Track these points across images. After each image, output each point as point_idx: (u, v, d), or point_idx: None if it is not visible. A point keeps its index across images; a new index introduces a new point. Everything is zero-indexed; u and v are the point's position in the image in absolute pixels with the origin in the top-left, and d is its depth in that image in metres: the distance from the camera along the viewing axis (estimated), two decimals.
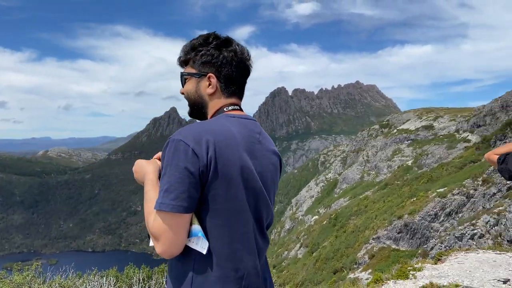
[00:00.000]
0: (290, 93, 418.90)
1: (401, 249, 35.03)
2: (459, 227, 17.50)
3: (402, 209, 37.94)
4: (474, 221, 16.84)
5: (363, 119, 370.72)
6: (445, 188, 33.74)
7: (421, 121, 74.55)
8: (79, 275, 6.70)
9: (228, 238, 1.35)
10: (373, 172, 74.25)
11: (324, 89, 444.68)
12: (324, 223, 63.75)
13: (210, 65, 1.50)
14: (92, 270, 6.81)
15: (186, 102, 1.59)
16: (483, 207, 20.03)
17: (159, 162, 1.51)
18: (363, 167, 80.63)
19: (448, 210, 30.44)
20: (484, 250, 8.15)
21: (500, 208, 16.48)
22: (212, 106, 1.53)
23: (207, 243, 1.32)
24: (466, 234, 16.31)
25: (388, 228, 37.68)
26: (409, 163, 60.98)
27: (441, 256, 7.39)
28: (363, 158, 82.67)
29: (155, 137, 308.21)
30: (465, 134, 56.36)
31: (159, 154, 1.54)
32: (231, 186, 1.34)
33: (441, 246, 17.73)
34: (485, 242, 15.27)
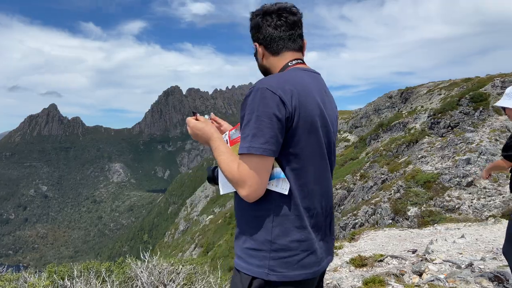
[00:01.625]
0: (184, 92, 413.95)
1: None
2: (343, 218, 19.14)
3: None
4: (355, 212, 18.57)
5: None
6: None
7: None
8: None
9: (303, 180, 1.47)
10: None
11: (218, 89, 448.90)
12: (219, 222, 64.25)
13: (254, 34, 1.67)
14: None
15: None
16: (362, 199, 22.20)
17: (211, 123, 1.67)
18: None
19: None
20: (389, 228, 9.27)
21: (377, 199, 18.49)
22: (273, 66, 1.66)
23: (289, 184, 1.44)
24: (349, 224, 17.90)
25: None
26: None
27: (354, 235, 8.12)
28: None
29: (31, 136, 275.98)
30: (345, 134, 62.33)
31: (212, 115, 1.80)
32: (311, 133, 1.47)
33: None
34: None
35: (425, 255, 4.93)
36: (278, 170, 1.44)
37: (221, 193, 1.59)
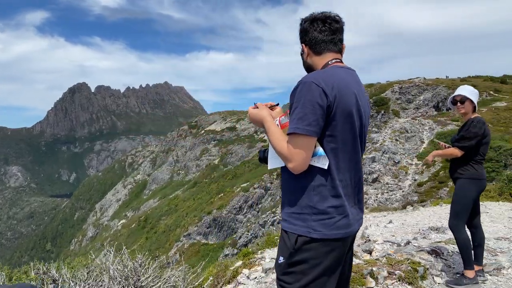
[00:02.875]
0: (93, 89, 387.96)
1: (210, 242, 36.98)
2: (262, 216, 19.65)
3: (211, 205, 40.16)
4: (274, 209, 19.20)
5: (172, 120, 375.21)
6: (248, 183, 37.46)
7: (225, 123, 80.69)
8: None
9: (339, 158, 1.81)
10: (183, 172, 76.08)
11: (131, 87, 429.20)
12: (132, 226, 61.52)
13: (302, 37, 2.01)
14: None
15: None
16: (280, 197, 23.03)
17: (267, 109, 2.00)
18: (172, 167, 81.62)
19: (250, 202, 33.61)
20: None
21: None
22: (315, 64, 1.99)
23: (328, 160, 1.77)
24: (268, 221, 18.44)
25: (198, 224, 39.18)
26: (216, 161, 65.17)
27: None
28: (173, 158, 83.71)
29: None
30: (262, 135, 63.98)
31: (264, 104, 2.05)
32: (347, 119, 1.79)
33: (248, 234, 19.51)
34: None
35: (368, 237, 5.42)
36: (320, 148, 1.77)
37: (269, 168, 1.93)
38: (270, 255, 5.25)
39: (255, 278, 4.49)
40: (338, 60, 1.96)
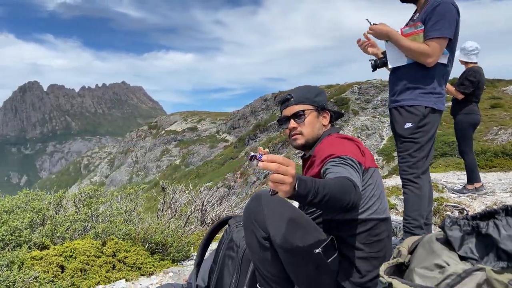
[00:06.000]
0: (45, 89, 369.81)
1: None
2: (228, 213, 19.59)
3: None
4: (241, 206, 19.21)
5: (130, 120, 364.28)
6: (211, 182, 37.15)
7: (186, 123, 79.53)
8: None
9: (450, 57, 2.66)
10: (142, 173, 74.18)
11: (87, 87, 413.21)
12: None
13: None
14: None
15: None
16: (246, 194, 23.05)
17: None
18: (132, 168, 79.36)
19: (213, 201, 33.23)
20: None
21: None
22: None
23: (447, 58, 2.62)
24: None
25: None
26: (177, 162, 64.09)
27: None
28: (132, 159, 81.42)
29: None
30: (224, 135, 63.74)
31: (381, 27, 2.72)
32: (458, 32, 2.61)
33: None
34: None
35: None
36: (445, 49, 2.56)
37: (390, 66, 2.73)
38: None
39: None
40: None
